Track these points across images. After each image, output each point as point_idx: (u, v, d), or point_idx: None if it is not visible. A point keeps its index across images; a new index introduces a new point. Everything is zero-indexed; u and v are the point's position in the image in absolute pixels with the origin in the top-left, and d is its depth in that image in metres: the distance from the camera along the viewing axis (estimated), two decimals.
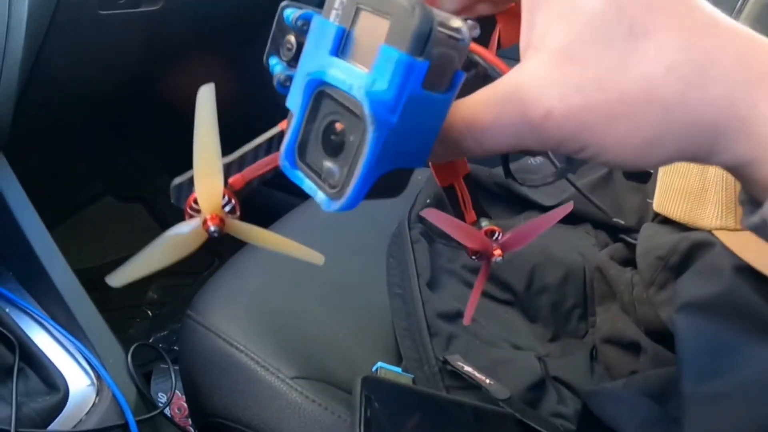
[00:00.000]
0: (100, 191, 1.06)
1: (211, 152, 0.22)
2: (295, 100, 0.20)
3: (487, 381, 0.57)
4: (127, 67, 0.82)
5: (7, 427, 0.46)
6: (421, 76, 0.17)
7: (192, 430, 0.67)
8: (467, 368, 0.59)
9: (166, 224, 0.29)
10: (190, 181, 0.25)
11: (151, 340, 0.88)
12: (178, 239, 0.23)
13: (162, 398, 0.71)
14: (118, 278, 0.24)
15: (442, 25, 0.18)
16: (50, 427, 0.48)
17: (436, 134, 0.20)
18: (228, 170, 0.24)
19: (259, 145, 0.25)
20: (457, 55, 0.19)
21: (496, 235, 0.29)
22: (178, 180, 0.25)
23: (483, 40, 0.23)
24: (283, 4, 0.25)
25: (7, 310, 0.54)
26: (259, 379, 0.54)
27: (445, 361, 0.60)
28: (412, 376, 0.59)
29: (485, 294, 0.72)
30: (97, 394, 0.51)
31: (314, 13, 0.23)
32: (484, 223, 0.30)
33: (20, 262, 0.57)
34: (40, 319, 0.55)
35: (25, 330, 0.53)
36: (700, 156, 0.19)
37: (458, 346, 0.65)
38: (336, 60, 0.18)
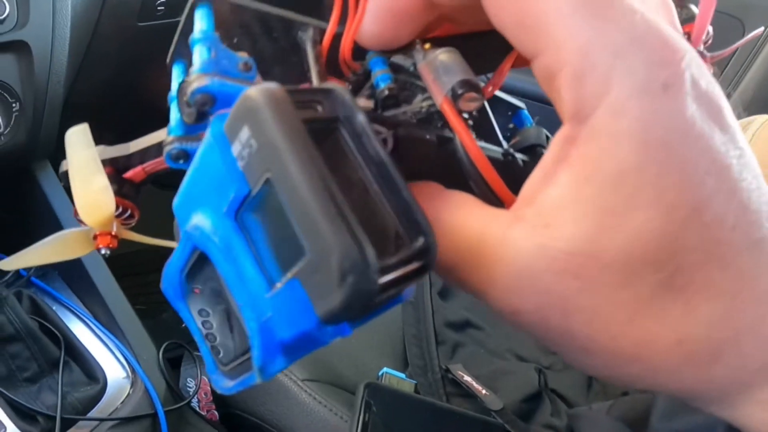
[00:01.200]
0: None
1: (93, 176, 0.20)
2: (180, 214, 0.15)
3: (483, 391, 0.61)
4: (166, 72, 0.86)
5: (53, 413, 0.53)
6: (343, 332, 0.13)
7: (216, 414, 0.74)
8: (467, 378, 0.63)
9: None
10: None
11: (183, 325, 0.95)
12: (71, 239, 0.22)
13: (191, 383, 0.78)
14: (8, 264, 0.24)
15: (394, 265, 0.12)
16: (90, 414, 0.55)
17: None
18: (128, 162, 0.21)
19: None
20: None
21: None
22: (65, 167, 0.21)
23: (490, 61, 0.18)
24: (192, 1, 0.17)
25: (54, 308, 0.61)
26: (274, 378, 0.59)
27: (447, 370, 0.64)
28: (415, 382, 0.63)
29: None
30: (131, 386, 0.58)
31: (219, 85, 0.15)
32: None
33: (66, 263, 0.64)
34: (83, 317, 0.61)
35: (70, 326, 0.60)
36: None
37: (463, 354, 0.69)
38: (231, 230, 0.13)
